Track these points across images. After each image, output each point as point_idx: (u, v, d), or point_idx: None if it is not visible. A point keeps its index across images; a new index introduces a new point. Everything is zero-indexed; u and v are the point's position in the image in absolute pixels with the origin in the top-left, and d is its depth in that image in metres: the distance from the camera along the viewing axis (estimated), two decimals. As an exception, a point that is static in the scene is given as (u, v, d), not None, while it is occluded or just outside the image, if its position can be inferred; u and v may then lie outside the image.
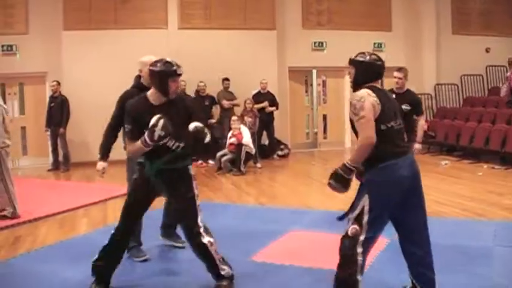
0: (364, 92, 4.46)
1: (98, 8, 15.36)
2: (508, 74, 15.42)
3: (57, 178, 13.60)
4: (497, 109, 15.36)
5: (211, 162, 14.24)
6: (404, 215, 4.63)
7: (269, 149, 15.52)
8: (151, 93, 5.11)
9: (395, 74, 8.31)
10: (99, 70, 15.07)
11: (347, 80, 17.33)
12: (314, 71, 17.84)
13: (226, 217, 8.30)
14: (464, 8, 19.17)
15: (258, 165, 13.85)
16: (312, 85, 17.96)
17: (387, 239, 6.71)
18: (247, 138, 13.02)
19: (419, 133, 8.28)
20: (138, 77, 6.27)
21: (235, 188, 11.52)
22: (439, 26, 18.46)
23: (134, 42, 15.06)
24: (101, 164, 6.14)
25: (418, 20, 18.23)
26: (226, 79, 15.20)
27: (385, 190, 4.42)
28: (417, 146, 8.20)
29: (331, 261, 4.88)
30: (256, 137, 14.29)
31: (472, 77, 18.73)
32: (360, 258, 4.36)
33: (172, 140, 5.02)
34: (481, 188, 10.57)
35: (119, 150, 6.00)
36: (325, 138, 18.07)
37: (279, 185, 12.27)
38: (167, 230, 6.88)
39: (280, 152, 15.78)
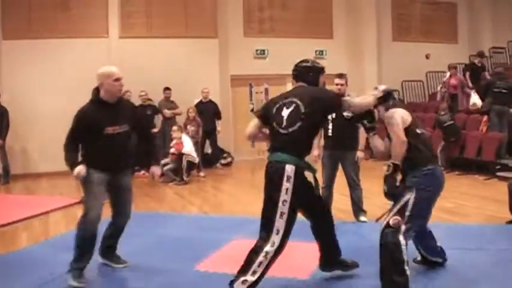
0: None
1: (37, 17, 15.34)
2: (445, 79, 15.81)
3: (-3, 191, 13.44)
4: (438, 114, 15.72)
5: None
6: None
7: (212, 158, 15.68)
8: None
9: (337, 80, 8.36)
10: (39, 80, 15.04)
11: (289, 88, 17.52)
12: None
13: (170, 227, 8.37)
14: (405, 15, 19.70)
15: (202, 174, 13.99)
16: (256, 93, 18.12)
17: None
18: (188, 148, 13.10)
19: (362, 140, 8.23)
20: (97, 89, 5.91)
21: (178, 197, 11.60)
22: (379, 32, 18.91)
23: (75, 52, 15.14)
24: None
25: (359, 27, 18.64)
26: (167, 88, 15.33)
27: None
28: (360, 154, 8.28)
29: (273, 268, 5.06)
30: (199, 145, 14.43)
31: (412, 83, 19.27)
32: (403, 247, 4.92)
33: None
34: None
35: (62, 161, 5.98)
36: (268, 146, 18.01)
37: (222, 194, 12.44)
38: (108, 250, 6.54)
39: (223, 161, 15.96)
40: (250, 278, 4.95)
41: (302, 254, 6.53)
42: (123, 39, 15.96)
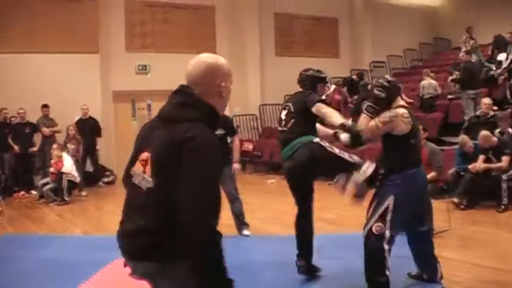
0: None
1: None
2: (329, 92, 16.16)
3: None
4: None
5: (33, 192, 13.99)
6: None
7: (94, 176, 15.47)
8: None
9: None
10: None
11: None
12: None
13: (51, 250, 8.20)
14: (287, 30, 20.21)
15: (83, 193, 13.76)
16: (139, 109, 18.01)
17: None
18: (68, 166, 12.89)
19: (236, 154, 8.83)
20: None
21: (60, 218, 11.34)
22: (262, 48, 19.32)
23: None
24: None
25: (243, 41, 18.99)
26: (45, 106, 14.99)
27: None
28: (236, 166, 8.78)
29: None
30: (80, 164, 14.24)
31: (296, 97, 19.59)
32: (386, 254, 5.15)
33: None
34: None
35: None
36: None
37: (105, 213, 12.23)
38: None
39: (105, 179, 15.77)
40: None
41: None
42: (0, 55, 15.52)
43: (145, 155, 2.94)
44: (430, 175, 9.25)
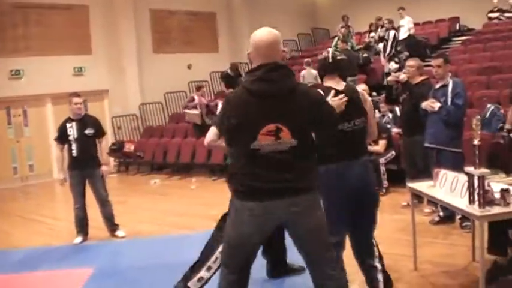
0: None
1: None
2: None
3: None
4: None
5: None
6: None
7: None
8: None
9: (76, 100, 8.76)
10: None
11: (49, 109, 17.34)
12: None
13: None
14: (164, 26, 20.29)
15: (-41, 205, 13.46)
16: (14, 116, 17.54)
17: (91, 269, 7.06)
18: None
19: (104, 155, 9.24)
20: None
21: None
22: (139, 45, 19.32)
23: None
24: None
25: (119, 40, 18.95)
26: None
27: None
28: (105, 168, 8.98)
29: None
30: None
31: (175, 94, 19.86)
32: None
33: None
34: (191, 202, 11.36)
35: None
36: (31, 171, 17.72)
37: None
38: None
39: (-19, 191, 15.41)
40: None
41: (63, 281, 6.68)
42: None
43: (271, 126, 3.71)
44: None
